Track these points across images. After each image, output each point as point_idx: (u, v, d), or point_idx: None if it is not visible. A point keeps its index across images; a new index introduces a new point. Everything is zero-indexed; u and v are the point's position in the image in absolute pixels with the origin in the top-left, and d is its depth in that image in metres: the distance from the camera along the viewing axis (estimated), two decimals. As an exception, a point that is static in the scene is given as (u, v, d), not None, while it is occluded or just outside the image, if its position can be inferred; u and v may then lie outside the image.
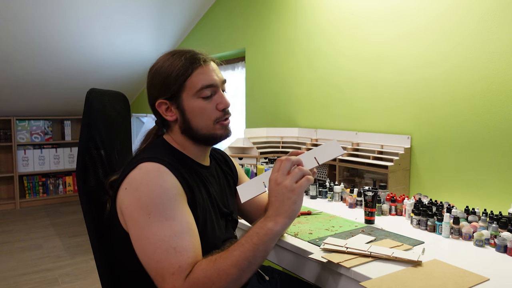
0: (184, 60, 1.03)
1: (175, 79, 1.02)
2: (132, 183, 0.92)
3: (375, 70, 2.12)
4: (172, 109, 1.05)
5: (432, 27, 1.84)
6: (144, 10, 3.49)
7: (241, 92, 3.45)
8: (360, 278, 1.04)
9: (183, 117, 1.05)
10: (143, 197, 0.89)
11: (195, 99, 1.04)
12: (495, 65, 1.62)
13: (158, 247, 0.86)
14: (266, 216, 0.90)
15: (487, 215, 1.36)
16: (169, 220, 0.88)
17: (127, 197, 0.92)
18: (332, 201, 1.85)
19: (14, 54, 3.55)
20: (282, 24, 2.78)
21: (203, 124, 1.05)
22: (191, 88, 1.03)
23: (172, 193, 0.91)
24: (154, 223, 0.87)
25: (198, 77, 1.03)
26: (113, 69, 4.25)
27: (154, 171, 0.92)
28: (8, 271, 2.92)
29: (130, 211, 0.91)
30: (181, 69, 1.02)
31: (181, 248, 0.87)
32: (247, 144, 2.47)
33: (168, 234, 0.87)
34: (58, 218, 4.33)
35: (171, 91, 1.03)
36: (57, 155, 5.01)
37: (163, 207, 0.89)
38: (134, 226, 0.90)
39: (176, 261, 0.85)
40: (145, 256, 0.88)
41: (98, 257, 1.07)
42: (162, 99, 1.05)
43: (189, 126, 1.05)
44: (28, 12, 3.09)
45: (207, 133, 1.06)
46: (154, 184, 0.90)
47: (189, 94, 1.03)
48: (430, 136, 1.86)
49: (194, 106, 1.04)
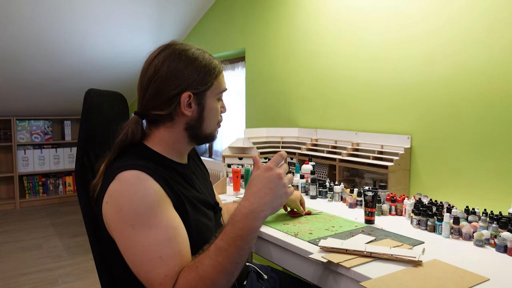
0: (213, 60, 1.05)
1: (212, 73, 1.03)
2: (112, 195, 0.90)
3: (375, 70, 2.12)
4: (192, 104, 1.00)
5: (432, 27, 1.84)
6: (144, 10, 3.49)
7: (241, 92, 3.45)
8: (360, 278, 1.03)
9: (199, 114, 1.02)
10: (124, 208, 0.87)
11: (215, 100, 1.06)
12: (495, 65, 1.61)
13: (145, 257, 0.85)
14: (251, 211, 0.85)
15: (487, 215, 1.36)
16: (153, 228, 0.86)
17: (109, 210, 0.90)
18: (332, 201, 1.85)
19: (14, 54, 3.55)
20: (282, 24, 2.78)
21: (211, 124, 1.06)
22: (217, 88, 1.05)
23: (153, 200, 0.89)
24: (138, 234, 0.86)
25: (222, 80, 1.07)
26: (113, 69, 4.25)
27: (133, 180, 0.89)
28: (8, 271, 2.92)
29: (114, 224, 0.89)
30: (214, 68, 1.03)
31: (167, 257, 0.85)
32: (247, 144, 2.47)
33: (153, 243, 0.85)
34: (58, 218, 4.33)
35: (207, 84, 1.02)
36: (57, 155, 5.01)
37: (145, 216, 0.87)
38: (120, 238, 0.89)
39: (162, 271, 0.84)
40: (135, 267, 0.88)
41: (98, 258, 1.07)
42: (191, 90, 0.99)
43: (200, 125, 1.04)
44: (28, 12, 3.09)
45: (210, 133, 1.07)
46: (133, 194, 0.88)
47: (213, 93, 1.04)
48: (430, 136, 1.86)
49: (213, 107, 1.05)
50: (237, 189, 1.99)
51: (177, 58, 0.99)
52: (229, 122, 3.72)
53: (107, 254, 1.01)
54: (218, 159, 3.86)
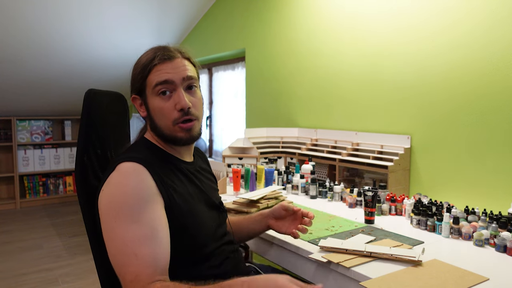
0: (147, 57, 1.03)
1: (138, 76, 1.03)
2: (108, 184, 0.93)
3: (375, 70, 2.12)
4: (143, 105, 1.06)
5: (432, 27, 1.84)
6: (144, 10, 3.49)
7: (241, 92, 3.45)
8: (360, 278, 1.04)
9: (149, 115, 1.05)
10: (115, 198, 0.89)
11: (154, 97, 1.02)
12: (495, 65, 1.62)
13: (122, 250, 0.86)
14: None
15: (486, 215, 1.36)
16: (135, 223, 0.87)
17: (102, 198, 0.93)
18: (332, 201, 1.85)
19: (14, 54, 3.55)
20: (282, 24, 2.78)
21: (164, 124, 1.02)
22: (150, 85, 1.02)
23: (144, 194, 0.90)
24: (120, 225, 0.87)
25: (155, 74, 1.01)
26: (113, 69, 4.25)
27: (130, 171, 0.92)
28: (8, 271, 2.92)
29: (102, 212, 0.91)
30: (142, 66, 1.02)
31: (141, 256, 0.85)
32: (247, 144, 2.47)
33: (132, 238, 0.86)
34: (58, 218, 4.33)
35: (136, 88, 1.04)
36: (57, 155, 5.01)
37: (131, 209, 0.88)
38: (104, 227, 0.91)
39: (134, 269, 0.84)
40: (112, 257, 0.89)
41: (97, 257, 1.07)
42: (134, 94, 1.06)
43: (154, 125, 1.04)
44: (28, 12, 3.09)
45: (169, 134, 1.02)
46: (127, 185, 0.90)
47: (149, 91, 1.02)
48: (430, 136, 1.86)
49: (154, 105, 1.02)
50: (237, 189, 1.99)
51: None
52: (229, 122, 3.73)
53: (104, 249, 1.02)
54: (218, 159, 3.86)
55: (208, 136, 4.15)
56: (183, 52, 1.07)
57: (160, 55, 1.01)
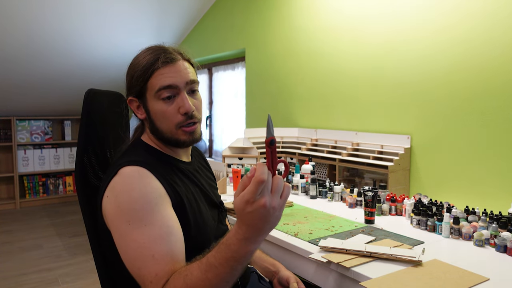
0: (147, 59, 1.00)
1: (138, 79, 1.00)
2: (113, 190, 0.92)
3: (375, 70, 2.12)
4: (141, 108, 1.04)
5: (432, 28, 1.84)
6: (144, 10, 3.49)
7: (241, 92, 3.45)
8: (360, 278, 1.03)
9: (149, 118, 1.03)
10: (123, 203, 0.89)
11: (156, 100, 0.99)
12: (495, 65, 1.61)
13: (139, 254, 0.86)
14: (246, 238, 0.76)
15: (487, 215, 1.36)
16: (148, 225, 0.87)
17: (108, 205, 0.92)
18: (332, 201, 1.85)
19: (14, 54, 3.55)
20: (282, 24, 2.78)
21: (166, 127, 1.00)
22: (151, 89, 0.99)
23: (152, 196, 0.90)
24: (134, 230, 0.87)
25: (157, 78, 0.98)
26: (113, 69, 4.25)
27: (134, 175, 0.91)
28: (8, 271, 2.91)
29: (112, 219, 0.91)
30: (143, 69, 0.99)
31: (159, 256, 0.85)
32: (247, 144, 2.47)
33: (147, 240, 0.86)
34: (58, 218, 4.33)
35: (135, 91, 1.02)
36: (57, 155, 5.01)
37: (142, 212, 0.88)
38: (116, 233, 0.90)
39: (153, 269, 0.84)
40: (128, 263, 0.88)
41: (97, 257, 1.07)
42: (131, 96, 1.04)
43: (155, 128, 1.02)
44: (28, 13, 3.09)
45: (171, 137, 1.01)
46: (133, 190, 0.89)
47: (151, 95, 1.00)
48: (430, 136, 1.86)
49: (156, 108, 1.00)
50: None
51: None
52: (229, 122, 3.73)
53: (105, 251, 1.01)
54: (218, 159, 3.86)
55: (208, 136, 4.15)
56: (183, 54, 1.05)
57: (162, 59, 0.99)
